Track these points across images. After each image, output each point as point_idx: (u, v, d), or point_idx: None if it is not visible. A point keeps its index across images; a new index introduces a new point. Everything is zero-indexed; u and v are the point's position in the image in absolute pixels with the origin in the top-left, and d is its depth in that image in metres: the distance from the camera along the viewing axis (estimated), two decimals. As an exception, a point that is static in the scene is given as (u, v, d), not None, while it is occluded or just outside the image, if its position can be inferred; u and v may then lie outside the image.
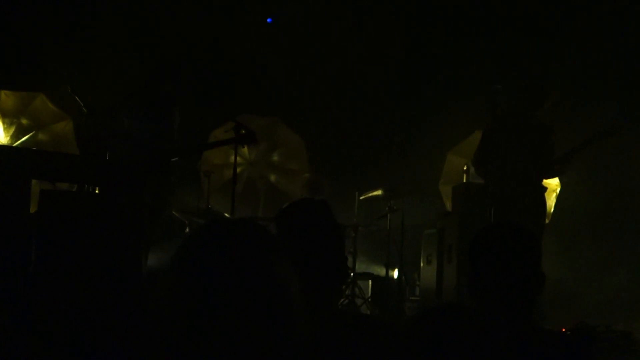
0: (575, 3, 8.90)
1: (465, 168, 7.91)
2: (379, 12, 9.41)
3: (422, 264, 7.84)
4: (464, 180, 7.81)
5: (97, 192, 5.21)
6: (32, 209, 5.37)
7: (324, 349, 1.92)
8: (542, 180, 6.50)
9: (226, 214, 7.43)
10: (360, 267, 8.59)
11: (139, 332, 3.74)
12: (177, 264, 1.32)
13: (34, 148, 7.58)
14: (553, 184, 8.11)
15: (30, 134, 8.25)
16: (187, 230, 8.13)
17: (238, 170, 6.97)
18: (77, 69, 7.99)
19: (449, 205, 8.28)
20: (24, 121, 8.28)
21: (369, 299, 7.95)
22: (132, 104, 5.79)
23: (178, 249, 1.36)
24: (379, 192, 7.95)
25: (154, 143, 5.71)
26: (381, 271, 8.27)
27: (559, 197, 8.41)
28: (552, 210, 8.31)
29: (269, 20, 9.83)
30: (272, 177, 9.32)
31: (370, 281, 8.34)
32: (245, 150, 9.00)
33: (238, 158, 6.54)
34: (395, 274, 8.26)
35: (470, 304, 2.26)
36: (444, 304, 1.63)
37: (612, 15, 8.64)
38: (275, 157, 9.37)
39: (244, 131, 5.82)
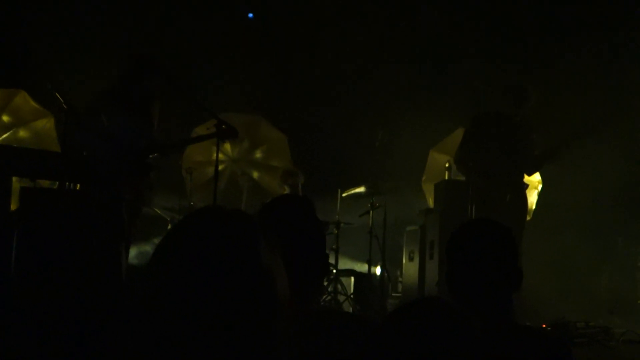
0: (560, 4, 8.95)
1: (447, 165, 7.94)
2: (362, 9, 9.42)
3: (404, 261, 7.87)
4: (446, 178, 7.84)
5: (77, 189, 5.19)
6: (13, 206, 5.34)
7: (303, 346, 1.92)
8: (523, 178, 6.54)
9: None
10: (343, 264, 8.61)
11: (119, 329, 3.73)
12: (160, 251, 1.31)
13: (15, 145, 7.52)
14: (534, 181, 8.16)
15: (11, 131, 8.20)
16: (169, 227, 8.13)
17: (220, 167, 6.97)
18: (58, 65, 7.94)
19: (431, 202, 8.31)
20: (5, 118, 8.22)
21: (352, 296, 7.97)
22: (108, 102, 5.77)
23: (163, 237, 1.34)
24: (361, 189, 7.97)
25: (132, 140, 5.69)
26: (364, 268, 8.29)
27: (541, 194, 8.47)
28: (534, 207, 8.37)
29: (250, 15, 9.82)
30: (255, 174, 9.32)
31: (352, 278, 8.36)
32: (227, 147, 8.99)
33: (220, 155, 6.53)
34: (378, 270, 8.29)
35: (449, 299, 2.27)
36: (423, 298, 1.63)
37: (596, 14, 8.71)
38: (257, 154, 9.36)
39: (225, 127, 5.82)
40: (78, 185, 5.16)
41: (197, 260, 1.26)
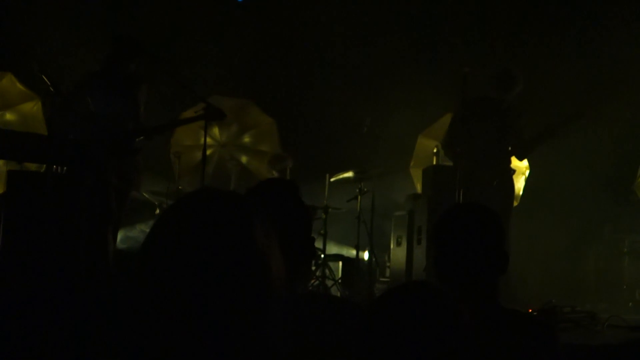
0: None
1: (435, 151, 7.95)
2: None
3: (392, 246, 7.89)
4: (434, 163, 7.85)
5: (64, 172, 5.17)
6: (0, 189, 5.32)
7: (293, 329, 1.92)
8: (510, 163, 6.56)
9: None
10: (331, 248, 8.62)
11: (106, 313, 3.72)
12: (154, 232, 1.30)
13: (2, 128, 7.48)
14: (522, 167, 8.17)
15: (-2, 114, 8.15)
16: (158, 211, 8.10)
17: (209, 151, 6.95)
18: (45, 48, 7.88)
19: (419, 188, 8.32)
20: (-8, 101, 8.18)
21: (340, 281, 7.99)
22: (95, 84, 5.73)
23: (157, 219, 1.34)
24: (349, 174, 7.97)
25: (119, 123, 5.66)
26: (351, 253, 8.31)
27: (529, 179, 8.49)
28: (521, 192, 8.39)
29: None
30: (243, 159, 9.30)
31: (340, 263, 8.37)
32: (216, 131, 8.97)
33: (209, 139, 6.50)
34: (366, 255, 8.31)
35: (436, 283, 2.27)
36: (411, 282, 1.64)
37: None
38: (246, 139, 9.34)
39: (212, 110, 5.81)
40: (65, 169, 5.14)
41: (191, 242, 1.26)
